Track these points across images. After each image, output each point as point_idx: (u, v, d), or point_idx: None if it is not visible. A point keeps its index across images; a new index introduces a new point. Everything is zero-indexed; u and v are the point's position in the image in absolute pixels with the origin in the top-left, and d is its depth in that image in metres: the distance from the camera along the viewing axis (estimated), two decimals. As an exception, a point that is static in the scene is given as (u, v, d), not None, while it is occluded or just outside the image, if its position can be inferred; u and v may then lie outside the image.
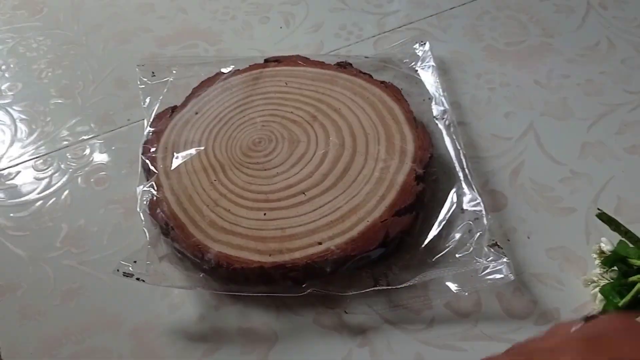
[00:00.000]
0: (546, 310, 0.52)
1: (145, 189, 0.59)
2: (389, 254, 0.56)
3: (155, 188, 0.59)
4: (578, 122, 0.66)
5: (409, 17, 0.81)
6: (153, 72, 0.71)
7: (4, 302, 0.56)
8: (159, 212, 0.57)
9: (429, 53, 0.71)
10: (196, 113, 0.66)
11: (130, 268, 0.53)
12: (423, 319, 0.52)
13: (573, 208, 0.59)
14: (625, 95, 0.68)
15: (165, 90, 0.69)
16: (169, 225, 0.56)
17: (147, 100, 0.68)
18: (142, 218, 0.57)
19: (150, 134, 0.64)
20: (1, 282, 0.58)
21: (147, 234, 0.56)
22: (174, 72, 0.71)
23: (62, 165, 0.67)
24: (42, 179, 0.66)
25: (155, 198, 0.58)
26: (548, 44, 0.75)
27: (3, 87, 0.77)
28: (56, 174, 0.66)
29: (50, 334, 0.54)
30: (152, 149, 0.62)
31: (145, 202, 0.58)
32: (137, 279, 0.52)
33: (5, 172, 0.67)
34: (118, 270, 0.53)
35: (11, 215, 0.63)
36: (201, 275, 0.55)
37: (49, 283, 0.57)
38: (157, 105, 0.67)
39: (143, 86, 0.70)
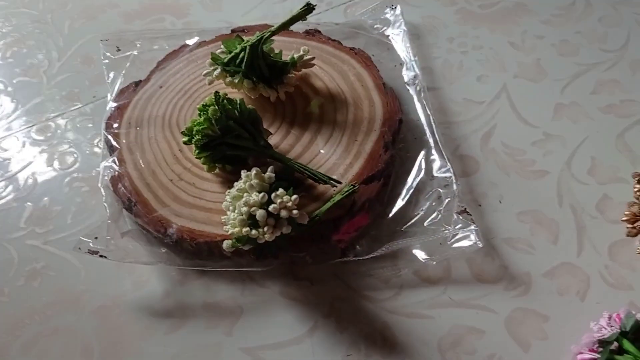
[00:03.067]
0: (517, 274, 0.51)
1: (107, 164, 0.57)
2: (358, 224, 0.54)
3: (118, 163, 0.57)
4: (552, 83, 0.64)
5: (380, -18, 0.78)
6: (118, 47, 0.70)
7: (-33, 284, 0.55)
8: (121, 188, 0.55)
9: (400, 17, 0.69)
10: (160, 87, 0.64)
11: (91, 244, 0.52)
12: (391, 288, 0.51)
13: (545, 171, 0.57)
14: (601, 54, 0.66)
15: (128, 64, 0.67)
16: (131, 201, 0.54)
17: (111, 75, 0.67)
18: (103, 193, 0.56)
19: (113, 109, 0.62)
20: (-36, 264, 0.57)
21: (107, 210, 0.54)
22: (138, 45, 0.69)
23: (27, 145, 0.66)
24: (7, 158, 0.65)
25: (117, 174, 0.56)
26: (523, 4, 0.73)
27: (-33, 68, 0.75)
28: (21, 154, 0.65)
29: (14, 315, 0.53)
30: (115, 125, 0.61)
31: (106, 178, 0.56)
32: (101, 255, 0.51)
33: (-31, 153, 0.66)
34: (80, 248, 0.52)
35: (-25, 196, 0.62)
36: (164, 251, 0.53)
37: (12, 263, 0.56)
38: (121, 80, 0.66)
39: (107, 61, 0.68)
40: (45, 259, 0.56)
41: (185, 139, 0.53)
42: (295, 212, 0.47)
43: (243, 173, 0.49)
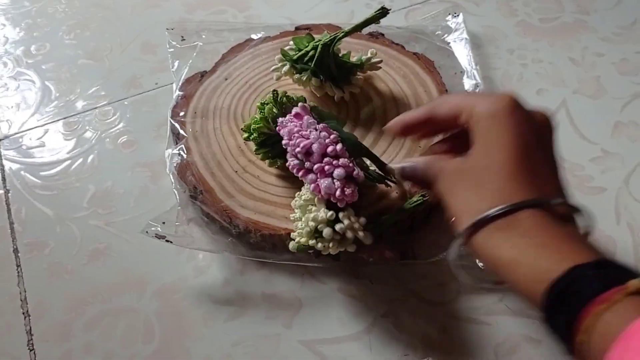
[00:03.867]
0: (573, 288, 0.52)
1: (174, 151, 0.59)
2: (417, 227, 0.55)
3: (185, 151, 0.58)
4: (611, 101, 0.65)
5: (441, -11, 0.79)
6: (182, 37, 0.71)
7: (32, 259, 0.57)
8: (189, 176, 0.57)
9: (462, 25, 0.70)
10: (226, 79, 0.65)
11: (159, 229, 0.53)
12: (449, 292, 0.52)
13: (603, 188, 0.58)
14: (661, 76, 0.67)
15: (195, 54, 0.68)
16: (197, 189, 0.56)
17: (176, 64, 0.68)
18: (172, 180, 0.57)
19: (180, 97, 0.64)
20: (29, 239, 0.58)
21: (177, 196, 0.56)
22: (203, 36, 0.71)
23: (90, 127, 0.67)
24: (70, 139, 0.66)
25: (185, 161, 0.58)
26: (583, 21, 0.74)
27: (32, 48, 0.76)
28: (84, 135, 0.67)
29: (78, 293, 0.55)
30: (181, 113, 0.62)
31: (174, 165, 0.58)
32: (167, 240, 0.53)
33: (34, 131, 0.67)
34: (147, 232, 0.53)
35: (39, 174, 0.63)
36: (229, 240, 0.55)
37: (75, 242, 0.58)
38: (186, 69, 0.67)
39: (172, 50, 0.69)
40: (107, 240, 0.58)
41: (245, 135, 0.54)
42: (361, 234, 0.47)
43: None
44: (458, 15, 0.71)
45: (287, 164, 0.49)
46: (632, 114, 0.63)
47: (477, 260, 0.47)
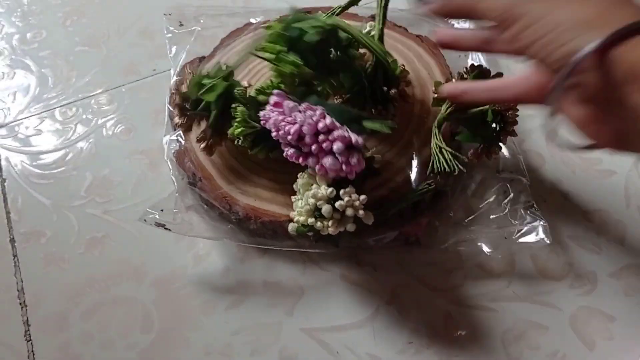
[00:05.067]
0: (582, 273, 0.50)
1: (172, 138, 0.57)
2: (421, 213, 0.54)
3: (183, 138, 0.57)
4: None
5: (444, -29, 0.77)
6: (180, 22, 0.69)
7: (29, 248, 0.56)
8: (187, 162, 0.55)
9: (466, 7, 0.68)
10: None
11: (157, 216, 0.52)
12: (454, 279, 0.51)
13: (612, 171, 0.56)
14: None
15: (193, 39, 0.67)
16: (196, 176, 0.54)
17: (174, 49, 0.66)
18: (170, 166, 0.56)
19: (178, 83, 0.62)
20: (26, 228, 0.57)
21: (175, 182, 0.55)
22: (202, 21, 0.69)
23: (87, 115, 0.66)
24: (67, 127, 0.65)
25: (183, 148, 0.56)
26: None
27: (28, 35, 0.75)
28: (80, 123, 0.65)
29: (74, 282, 0.54)
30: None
31: (172, 152, 0.56)
32: (166, 228, 0.51)
33: (30, 119, 0.66)
34: (145, 219, 0.52)
35: (35, 163, 0.62)
36: (228, 227, 0.54)
37: (73, 231, 0.57)
38: (184, 55, 0.65)
39: (170, 35, 0.68)
40: (105, 229, 0.57)
41: (236, 142, 0.51)
42: (361, 212, 0.46)
43: None
44: (462, -3, 0.69)
45: (284, 155, 0.48)
46: (641, 96, 0.62)
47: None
